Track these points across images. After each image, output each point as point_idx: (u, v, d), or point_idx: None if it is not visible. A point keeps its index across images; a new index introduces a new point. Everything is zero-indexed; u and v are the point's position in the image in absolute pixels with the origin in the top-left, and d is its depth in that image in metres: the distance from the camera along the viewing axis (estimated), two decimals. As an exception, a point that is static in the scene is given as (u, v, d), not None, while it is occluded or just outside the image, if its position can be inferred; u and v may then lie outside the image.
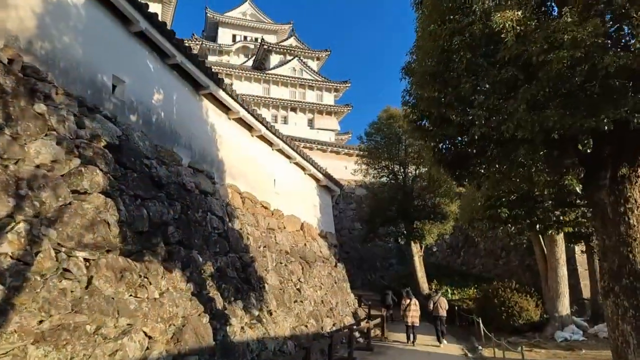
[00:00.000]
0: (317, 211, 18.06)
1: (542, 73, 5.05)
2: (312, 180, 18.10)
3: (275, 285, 11.87)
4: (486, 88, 5.39)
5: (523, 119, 5.14)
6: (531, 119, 5.11)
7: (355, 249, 33.20)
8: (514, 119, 5.24)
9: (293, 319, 11.95)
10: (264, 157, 14.26)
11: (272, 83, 47.91)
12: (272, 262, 12.56)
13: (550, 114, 4.98)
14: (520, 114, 5.16)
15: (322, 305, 14.58)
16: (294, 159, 15.90)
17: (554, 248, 17.17)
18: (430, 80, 5.63)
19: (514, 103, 5.26)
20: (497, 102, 5.37)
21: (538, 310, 16.96)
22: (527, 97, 5.10)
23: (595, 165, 5.79)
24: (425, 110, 6.22)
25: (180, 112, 10.25)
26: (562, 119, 5.03)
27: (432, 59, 5.65)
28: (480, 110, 5.37)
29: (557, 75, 4.98)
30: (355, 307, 18.17)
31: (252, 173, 13.32)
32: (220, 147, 11.78)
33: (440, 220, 23.98)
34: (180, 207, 8.92)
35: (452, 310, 20.07)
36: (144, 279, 6.62)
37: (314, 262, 15.65)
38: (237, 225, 11.36)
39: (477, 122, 5.42)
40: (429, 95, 5.61)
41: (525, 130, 5.15)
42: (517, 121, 5.22)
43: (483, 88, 5.40)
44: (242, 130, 13.07)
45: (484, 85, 5.40)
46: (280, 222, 14.46)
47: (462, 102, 5.44)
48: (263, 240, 12.68)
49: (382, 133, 24.74)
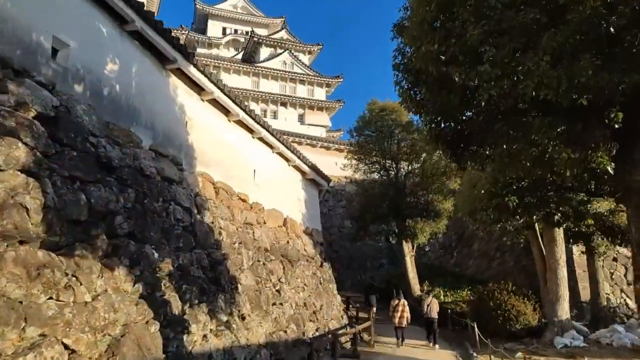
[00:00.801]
0: (302, 206, 16.83)
1: (572, 15, 3.88)
2: (297, 173, 16.87)
3: (251, 286, 10.63)
4: (499, 38, 4.20)
5: (546, 74, 3.94)
6: (557, 74, 3.91)
7: (344, 248, 32.02)
8: (534, 75, 4.03)
9: (270, 324, 10.72)
10: (242, 145, 13.02)
11: (261, 76, 46.62)
12: (249, 260, 11.33)
13: (583, 65, 3.78)
14: (542, 68, 3.96)
15: (305, 308, 13.36)
16: (276, 148, 14.66)
17: (553, 248, 16.10)
18: (429, 30, 4.46)
19: (534, 56, 4.06)
20: (512, 55, 4.18)
21: (536, 315, 15.88)
22: (552, 45, 3.93)
23: (630, 139, 4.62)
24: (421, 73, 5.02)
25: (142, 86, 8.99)
26: (597, 73, 3.83)
27: (431, 4, 4.46)
28: (491, 65, 4.17)
29: (591, 18, 3.82)
30: (342, 309, 16.97)
31: (228, 162, 12.07)
32: (190, 131, 10.53)
33: (433, 218, 22.87)
34: (135, 195, 7.66)
35: (445, 313, 18.97)
36: (71, 278, 5.36)
37: (297, 261, 14.44)
38: (207, 218, 10.11)
39: (486, 82, 4.23)
40: (426, 50, 4.43)
41: (549, 89, 3.96)
42: (538, 78, 4.01)
43: (495, 38, 4.20)
44: (217, 113, 11.82)
45: (495, 34, 4.20)
46: (260, 216, 13.23)
47: (468, 56, 4.25)
48: (239, 236, 11.44)
49: (372, 127, 23.56)
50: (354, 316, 19.96)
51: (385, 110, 23.33)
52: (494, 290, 16.61)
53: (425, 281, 23.67)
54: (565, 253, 16.25)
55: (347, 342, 14.38)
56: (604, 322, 16.84)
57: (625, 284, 21.08)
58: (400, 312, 15.47)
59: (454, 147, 5.49)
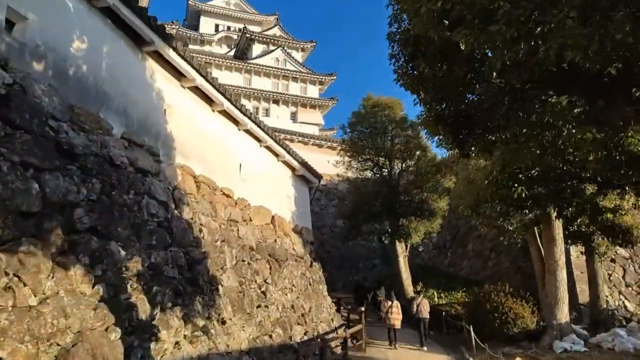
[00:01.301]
0: (291, 203, 16.10)
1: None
2: (286, 169, 16.13)
3: (233, 287, 9.89)
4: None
5: (573, 33, 3.24)
6: (587, 32, 3.21)
7: (336, 248, 31.32)
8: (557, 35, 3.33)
9: (254, 328, 9.98)
10: (227, 137, 12.27)
11: (253, 73, 45.87)
12: (232, 259, 10.58)
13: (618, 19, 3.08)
14: (568, 26, 3.25)
15: (292, 311, 12.63)
16: (264, 142, 13.91)
17: (552, 249, 15.48)
18: (431, -16, 3.74)
19: (558, 13, 3.37)
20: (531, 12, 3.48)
21: (534, 318, 15.26)
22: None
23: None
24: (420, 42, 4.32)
25: (114, 69, 8.22)
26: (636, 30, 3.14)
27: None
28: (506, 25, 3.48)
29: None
30: (333, 312, 16.25)
31: (211, 154, 11.32)
32: (169, 120, 9.77)
33: (428, 217, 22.20)
34: (101, 186, 6.90)
35: (439, 315, 18.33)
36: (12, 279, 4.60)
37: (285, 260, 13.70)
38: (187, 213, 9.36)
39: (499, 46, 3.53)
40: (427, 10, 3.73)
41: (577, 49, 3.25)
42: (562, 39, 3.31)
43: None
44: (199, 102, 11.07)
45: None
46: (246, 213, 12.49)
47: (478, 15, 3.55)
48: (222, 234, 10.69)
49: (366, 123, 22.86)
50: (346, 318, 19.27)
51: (378, 106, 22.64)
52: (490, 292, 15.98)
53: (419, 282, 23.01)
54: (564, 254, 15.67)
55: (337, 346, 13.68)
56: (604, 325, 16.26)
57: (623, 286, 20.55)
58: (394, 314, 15.27)
59: (456, 131, 4.80)
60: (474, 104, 4.89)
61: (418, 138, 22.77)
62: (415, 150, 22.65)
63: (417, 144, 22.60)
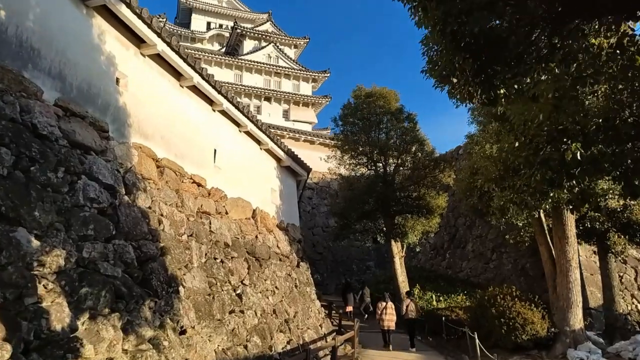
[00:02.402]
0: (276, 197, 14.55)
1: None
2: (270, 159, 14.59)
3: (200, 289, 8.33)
4: None
5: None
6: None
7: (329, 250, 29.79)
8: None
9: (224, 338, 8.42)
10: (200, 117, 10.75)
11: (245, 70, 44.45)
12: (200, 256, 9.03)
13: None
14: None
15: (274, 317, 11.08)
16: (244, 126, 12.37)
17: (564, 246, 14.04)
18: None
19: None
20: None
21: (545, 323, 13.76)
22: None
23: None
24: None
25: (47, 21, 6.69)
26: None
27: None
28: None
29: None
30: (322, 317, 14.68)
31: (179, 136, 9.79)
32: (124, 91, 8.23)
33: (425, 215, 20.72)
34: (15, 159, 5.37)
35: (439, 320, 16.82)
36: None
37: (267, 259, 12.15)
38: (143, 201, 7.81)
39: None
40: None
41: None
42: None
43: None
44: (163, 74, 9.54)
45: None
46: (221, 205, 10.94)
47: None
48: (189, 227, 9.15)
49: (359, 115, 21.35)
50: (337, 324, 17.74)
51: (372, 96, 21.17)
52: (496, 295, 14.47)
53: (416, 285, 21.50)
54: (577, 253, 14.23)
55: (326, 355, 12.13)
56: (621, 332, 14.81)
57: (635, 289, 19.15)
58: (388, 315, 15.00)
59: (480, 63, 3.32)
60: (502, 29, 3.41)
61: (415, 130, 21.34)
62: (412, 143, 21.19)
63: (414, 137, 21.15)
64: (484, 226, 25.50)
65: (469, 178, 12.55)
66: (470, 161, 12.62)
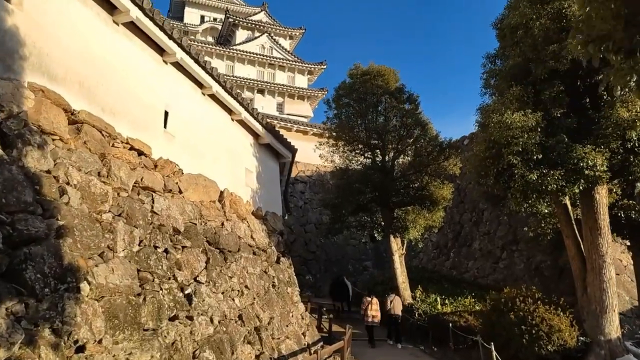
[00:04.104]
0: (252, 179, 12.19)
1: None
2: (246, 134, 12.23)
3: (120, 286, 5.98)
4: None
5: None
6: None
7: (322, 248, 27.40)
8: None
9: (157, 354, 6.07)
10: (145, 68, 8.43)
11: (237, 60, 42.27)
12: (131, 243, 6.70)
13: None
14: None
15: (240, 323, 8.71)
16: (208, 87, 10.02)
17: (596, 239, 11.71)
18: None
19: None
20: None
21: (574, 332, 11.42)
22: None
23: None
24: None
25: None
26: None
27: None
28: None
29: None
30: (306, 323, 12.28)
31: (110, 86, 7.47)
32: (16, 10, 5.91)
33: (428, 207, 18.35)
34: None
35: (446, 327, 14.47)
36: None
37: (235, 252, 9.80)
38: (34, 161, 5.50)
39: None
40: None
41: None
42: None
43: None
44: (87, 2, 7.21)
45: None
46: (173, 182, 8.60)
47: None
48: (118, 204, 6.83)
49: (355, 95, 18.99)
50: (327, 331, 15.39)
51: (369, 74, 18.84)
52: (514, 297, 12.12)
53: (418, 286, 19.12)
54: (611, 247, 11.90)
55: (309, 371, 9.79)
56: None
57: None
58: (373, 310, 14.92)
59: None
60: None
61: (417, 113, 19.01)
62: (413, 127, 18.85)
63: (416, 120, 18.81)
64: (493, 222, 23.17)
65: (484, 152, 10.22)
66: (487, 133, 10.29)
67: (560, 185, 9.77)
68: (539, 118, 9.78)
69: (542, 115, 10.00)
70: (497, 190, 11.01)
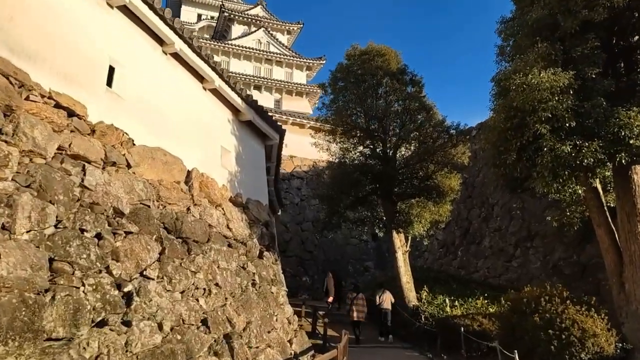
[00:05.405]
0: (230, 160, 10.46)
1: None
2: (223, 107, 10.52)
3: (4, 279, 4.25)
4: None
5: None
6: None
7: (320, 248, 25.61)
8: None
9: (64, 373, 4.32)
10: (80, 11, 6.73)
11: (232, 56, 40.74)
12: (39, 223, 4.99)
13: None
14: None
15: (203, 329, 6.95)
16: (170, 44, 8.31)
17: (636, 227, 9.91)
18: None
19: None
20: None
21: (612, 336, 9.60)
22: None
23: None
24: None
25: None
26: None
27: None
28: None
29: None
30: (294, 328, 10.47)
31: (29, 24, 5.79)
32: None
33: (434, 199, 16.57)
34: None
35: (457, 332, 12.66)
36: None
37: (204, 242, 8.07)
38: None
39: None
40: None
41: None
42: None
43: None
44: None
45: None
46: (118, 153, 6.88)
47: None
48: (29, 173, 5.12)
49: (352, 77, 17.27)
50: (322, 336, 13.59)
51: (368, 54, 17.14)
52: (538, 296, 10.32)
53: (424, 287, 17.32)
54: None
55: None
56: None
57: None
58: (359, 306, 14.57)
59: None
60: None
61: (421, 96, 17.27)
62: (417, 111, 17.10)
63: (420, 104, 17.07)
64: (504, 217, 21.36)
65: (504, 123, 8.47)
66: (507, 100, 8.55)
67: (598, 158, 8.01)
68: (571, 77, 8.05)
69: (574, 75, 8.27)
70: (520, 169, 9.25)
